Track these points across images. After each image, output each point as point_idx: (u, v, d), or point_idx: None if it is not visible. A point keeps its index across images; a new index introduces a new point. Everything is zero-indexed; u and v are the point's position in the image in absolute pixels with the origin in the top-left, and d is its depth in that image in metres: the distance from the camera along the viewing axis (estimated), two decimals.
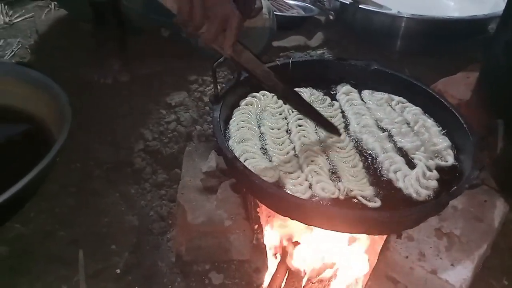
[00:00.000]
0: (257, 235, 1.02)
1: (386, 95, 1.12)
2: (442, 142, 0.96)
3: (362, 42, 1.71)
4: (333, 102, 1.11)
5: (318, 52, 1.66)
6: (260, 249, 0.99)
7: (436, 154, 0.94)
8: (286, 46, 1.63)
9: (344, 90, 1.14)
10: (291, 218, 0.86)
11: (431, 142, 0.97)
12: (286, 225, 1.05)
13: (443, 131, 1.00)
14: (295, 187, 0.85)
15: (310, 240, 1.04)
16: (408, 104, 1.10)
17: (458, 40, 1.63)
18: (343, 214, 0.79)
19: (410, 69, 1.53)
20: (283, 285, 0.98)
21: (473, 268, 0.82)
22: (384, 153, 0.94)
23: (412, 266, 0.83)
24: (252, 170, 0.84)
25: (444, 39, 1.62)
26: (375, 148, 0.95)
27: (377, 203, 0.84)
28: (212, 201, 0.95)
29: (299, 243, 1.04)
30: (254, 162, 0.89)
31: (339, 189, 0.85)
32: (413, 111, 1.07)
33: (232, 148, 0.92)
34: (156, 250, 0.97)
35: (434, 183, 0.86)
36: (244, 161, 0.89)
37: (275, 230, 1.09)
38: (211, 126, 1.20)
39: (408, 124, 1.03)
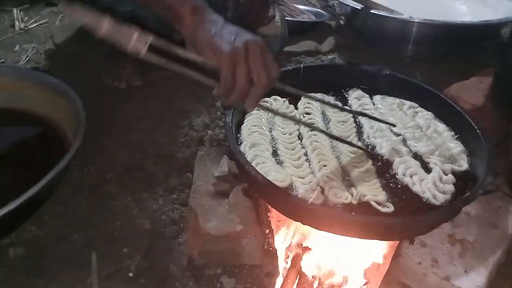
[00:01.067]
0: (268, 239, 1.02)
1: (397, 100, 1.12)
2: (456, 147, 0.96)
3: (373, 47, 1.70)
4: (345, 107, 1.11)
5: (329, 57, 1.66)
6: (271, 254, 0.99)
7: (450, 159, 0.94)
8: (297, 51, 1.63)
9: (355, 95, 1.14)
10: (302, 223, 0.86)
11: (444, 146, 0.96)
12: (297, 230, 1.05)
13: (456, 136, 0.99)
14: (307, 192, 0.85)
15: (321, 245, 1.03)
16: (419, 109, 1.10)
17: (470, 45, 1.62)
18: (356, 219, 0.79)
19: (422, 74, 1.52)
20: None
21: (487, 274, 0.81)
22: (399, 157, 0.94)
23: (425, 272, 0.82)
24: (263, 175, 0.84)
25: (456, 44, 1.61)
26: (389, 152, 0.95)
27: (390, 208, 0.84)
28: (224, 205, 0.96)
29: (310, 248, 1.04)
30: (265, 167, 0.90)
31: (352, 194, 0.85)
32: (425, 116, 1.06)
33: (244, 152, 0.93)
34: (168, 254, 0.97)
35: (451, 187, 0.86)
36: (256, 166, 0.89)
37: (286, 235, 1.09)
38: (223, 131, 1.21)
39: (420, 129, 1.03)
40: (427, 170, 0.91)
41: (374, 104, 1.12)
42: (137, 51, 0.65)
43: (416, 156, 0.95)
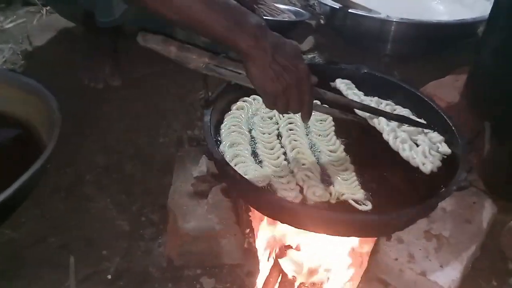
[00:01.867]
0: (249, 239, 1.02)
1: (375, 99, 1.13)
2: (437, 136, 0.98)
3: (352, 46, 1.72)
4: (324, 105, 1.12)
5: (309, 56, 1.67)
6: (252, 253, 0.99)
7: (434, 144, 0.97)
8: None
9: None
10: (281, 222, 0.87)
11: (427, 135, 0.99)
12: (279, 229, 1.06)
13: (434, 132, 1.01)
14: (286, 191, 0.86)
15: (303, 244, 1.04)
16: (397, 107, 1.11)
17: (447, 43, 1.64)
18: (333, 217, 0.80)
19: (400, 72, 1.54)
20: None
21: (462, 269, 0.83)
22: (388, 128, 0.98)
23: (401, 268, 0.84)
24: (242, 175, 0.84)
25: (433, 43, 1.63)
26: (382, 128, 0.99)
27: (368, 206, 0.84)
28: (203, 205, 0.95)
29: (292, 247, 1.04)
30: (244, 167, 0.90)
31: (331, 193, 0.86)
32: (402, 113, 1.08)
33: (223, 152, 0.92)
34: (147, 256, 0.97)
35: (438, 163, 0.91)
36: (235, 166, 0.89)
37: (267, 234, 1.09)
38: (202, 131, 1.20)
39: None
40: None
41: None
42: (197, 69, 0.78)
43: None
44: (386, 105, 1.10)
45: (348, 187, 0.88)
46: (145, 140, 1.23)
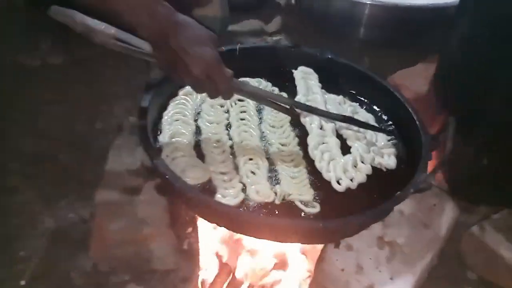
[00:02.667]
0: (189, 239, 0.93)
1: (339, 97, 1.02)
2: (387, 147, 0.88)
3: (322, 29, 1.61)
4: (282, 93, 1.02)
5: (275, 38, 1.55)
6: (191, 256, 0.90)
7: (377, 154, 0.86)
8: (241, 30, 1.51)
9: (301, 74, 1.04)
10: (218, 225, 0.78)
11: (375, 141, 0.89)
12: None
13: (392, 141, 0.91)
14: (226, 190, 0.77)
15: (254, 244, 0.97)
16: (360, 110, 1.00)
17: (423, 29, 1.55)
18: (270, 223, 0.71)
19: (371, 59, 1.44)
20: None
21: (414, 282, 0.76)
22: (315, 132, 0.87)
23: (348, 279, 0.76)
24: (174, 171, 0.74)
25: (408, 28, 1.54)
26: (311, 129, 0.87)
27: (316, 208, 0.75)
28: (134, 203, 0.85)
29: (244, 246, 0.97)
30: (183, 162, 0.80)
31: (276, 193, 0.76)
32: (366, 117, 0.97)
33: (161, 144, 0.82)
34: (71, 258, 0.87)
35: (362, 177, 0.80)
36: (173, 160, 0.79)
37: (215, 233, 1.01)
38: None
39: None
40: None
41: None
42: (105, 44, 0.70)
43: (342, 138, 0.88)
44: (349, 106, 1.00)
45: (297, 186, 0.79)
46: (83, 127, 1.12)
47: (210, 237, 1.02)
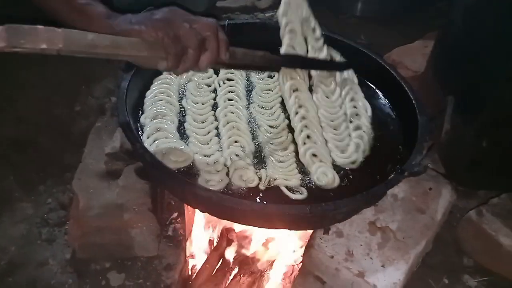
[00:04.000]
0: (175, 225, 0.89)
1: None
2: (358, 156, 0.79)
3: (319, 4, 1.53)
4: (273, 73, 0.96)
5: (267, 14, 1.48)
6: (176, 242, 0.86)
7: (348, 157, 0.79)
8: (231, 6, 1.45)
9: None
10: (200, 211, 0.74)
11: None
12: None
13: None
14: (210, 174, 0.72)
15: (244, 230, 0.95)
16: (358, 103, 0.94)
17: (423, 4, 1.48)
18: (255, 209, 0.66)
19: (368, 36, 1.38)
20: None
21: (406, 269, 0.72)
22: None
23: (337, 267, 0.72)
24: (154, 154, 0.70)
25: (407, 3, 1.47)
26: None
27: (303, 194, 0.71)
28: (113, 188, 0.80)
29: (235, 232, 0.94)
30: (165, 143, 0.75)
31: (261, 178, 0.72)
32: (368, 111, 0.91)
33: (143, 125, 0.78)
34: (49, 245, 0.83)
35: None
36: (154, 142, 0.75)
37: (203, 218, 0.97)
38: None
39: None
40: None
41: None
42: None
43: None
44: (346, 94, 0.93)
45: (283, 171, 0.75)
46: (65, 110, 1.06)
47: (198, 222, 0.99)
